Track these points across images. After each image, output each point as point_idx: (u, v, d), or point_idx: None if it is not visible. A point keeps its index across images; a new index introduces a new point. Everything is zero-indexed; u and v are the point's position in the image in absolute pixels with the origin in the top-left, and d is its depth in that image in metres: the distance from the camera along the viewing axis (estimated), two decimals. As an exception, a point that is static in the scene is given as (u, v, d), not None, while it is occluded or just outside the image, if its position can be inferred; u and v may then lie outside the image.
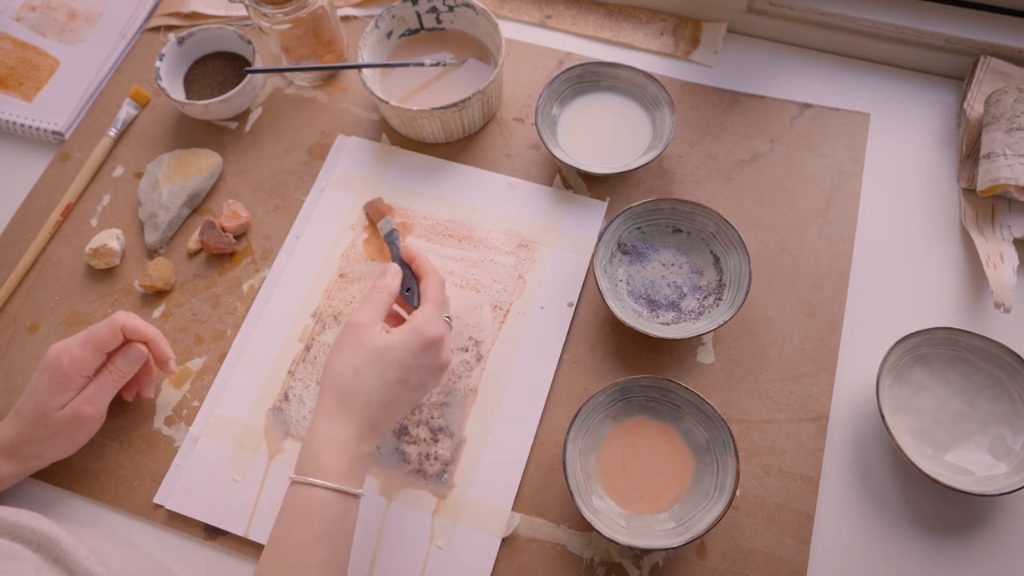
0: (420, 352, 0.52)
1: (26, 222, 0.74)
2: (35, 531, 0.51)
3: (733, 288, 0.64)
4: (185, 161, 0.75)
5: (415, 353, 0.52)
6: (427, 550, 0.58)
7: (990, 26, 0.73)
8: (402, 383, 0.52)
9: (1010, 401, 0.60)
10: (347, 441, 0.50)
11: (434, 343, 0.53)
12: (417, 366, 0.52)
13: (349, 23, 0.84)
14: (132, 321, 0.60)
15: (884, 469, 0.61)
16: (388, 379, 0.51)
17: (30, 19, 0.84)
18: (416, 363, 0.52)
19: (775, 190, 0.72)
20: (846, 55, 0.79)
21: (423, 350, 0.53)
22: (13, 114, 0.79)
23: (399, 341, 0.52)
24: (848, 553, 0.58)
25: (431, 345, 0.53)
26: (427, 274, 0.58)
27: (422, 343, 0.52)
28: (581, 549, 0.59)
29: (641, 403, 0.61)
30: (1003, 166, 0.65)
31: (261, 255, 0.72)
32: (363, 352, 0.51)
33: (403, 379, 0.52)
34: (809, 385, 0.63)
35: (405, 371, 0.52)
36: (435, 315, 0.55)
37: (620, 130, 0.73)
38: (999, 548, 0.58)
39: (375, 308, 0.54)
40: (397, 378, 0.51)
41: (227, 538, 0.60)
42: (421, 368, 0.53)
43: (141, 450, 0.64)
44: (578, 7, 0.83)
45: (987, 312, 0.66)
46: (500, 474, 0.61)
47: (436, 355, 0.54)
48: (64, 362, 0.57)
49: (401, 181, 0.74)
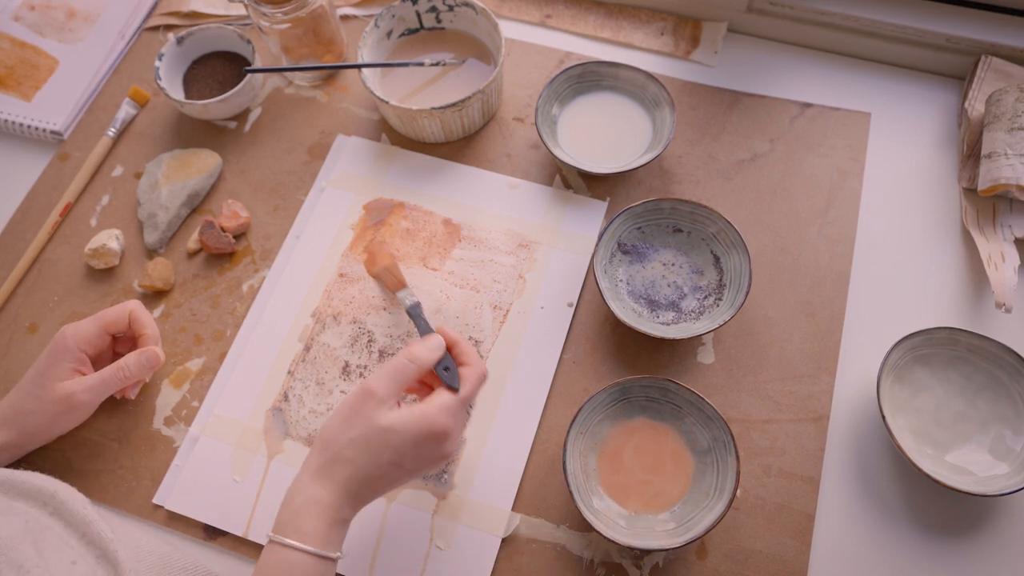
0: (421, 441, 0.50)
1: (25, 222, 0.74)
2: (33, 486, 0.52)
3: (733, 288, 0.64)
4: (184, 161, 0.75)
5: (416, 441, 0.49)
6: (427, 550, 0.58)
7: (991, 25, 0.73)
8: (395, 466, 0.50)
9: (1011, 401, 0.60)
10: (327, 506, 0.48)
11: (439, 436, 0.50)
12: (414, 453, 0.50)
13: (349, 23, 0.84)
14: (141, 312, 0.64)
15: (884, 469, 0.61)
16: (380, 460, 0.49)
17: (29, 18, 0.84)
18: (414, 451, 0.50)
19: (775, 190, 0.72)
20: (846, 55, 0.79)
21: (425, 440, 0.50)
22: (12, 114, 0.79)
23: (403, 425, 0.49)
24: (848, 553, 0.58)
25: (435, 437, 0.50)
26: (472, 364, 0.54)
27: (427, 433, 0.49)
28: (581, 549, 0.59)
29: (641, 403, 0.61)
30: (1004, 166, 0.65)
31: (261, 255, 0.72)
32: (363, 426, 0.49)
33: (397, 463, 0.49)
34: (809, 385, 0.63)
35: (400, 456, 0.49)
36: (455, 407, 0.51)
37: (620, 130, 0.73)
38: (999, 548, 0.58)
39: (395, 382, 0.51)
40: (390, 460, 0.49)
41: (227, 538, 0.60)
42: (418, 456, 0.50)
43: (141, 450, 0.64)
44: (578, 7, 0.83)
45: (988, 312, 0.66)
46: (500, 474, 0.61)
47: (437, 447, 0.51)
48: (67, 334, 0.60)
49: (401, 181, 0.74)
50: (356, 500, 0.50)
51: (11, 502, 0.51)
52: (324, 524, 0.48)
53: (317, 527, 0.48)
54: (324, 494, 0.49)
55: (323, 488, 0.49)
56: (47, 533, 0.50)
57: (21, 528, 0.49)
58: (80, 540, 0.51)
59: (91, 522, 0.52)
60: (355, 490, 0.49)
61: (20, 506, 0.51)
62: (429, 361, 0.52)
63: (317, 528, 0.48)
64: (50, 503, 0.52)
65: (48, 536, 0.50)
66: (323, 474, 0.49)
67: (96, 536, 0.51)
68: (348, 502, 0.49)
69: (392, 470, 0.50)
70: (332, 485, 0.49)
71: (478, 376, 0.54)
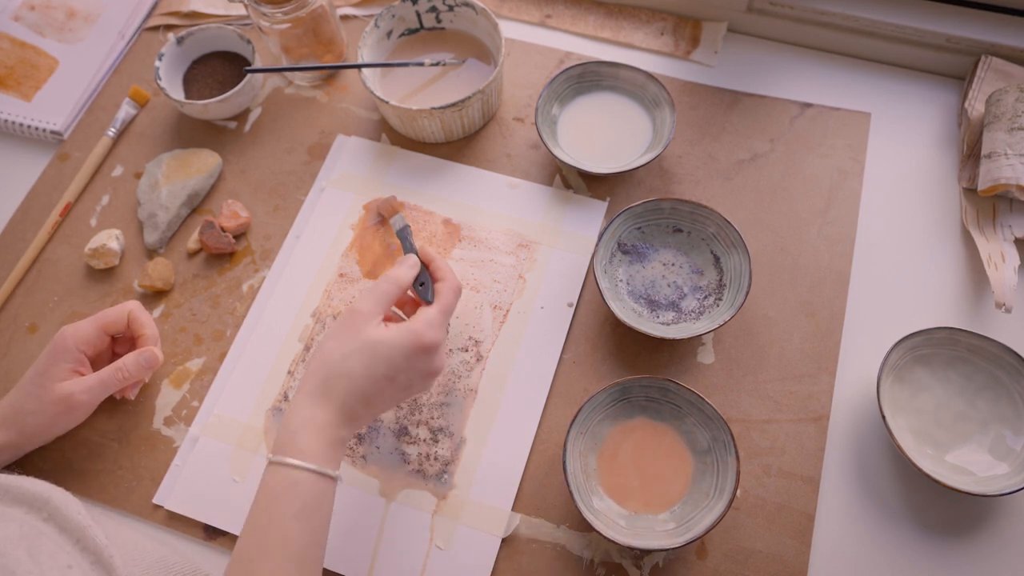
0: (412, 354, 0.52)
1: (25, 222, 0.74)
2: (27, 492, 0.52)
3: (733, 288, 0.64)
4: (184, 161, 0.75)
5: (407, 354, 0.51)
6: (427, 550, 0.58)
7: (991, 25, 0.73)
8: (388, 380, 0.51)
9: (1011, 401, 0.60)
10: (324, 424, 0.50)
11: (428, 348, 0.52)
12: (407, 367, 0.52)
13: (349, 23, 0.84)
14: (140, 313, 0.64)
15: (884, 469, 0.61)
16: (374, 373, 0.51)
17: (29, 18, 0.84)
18: (406, 364, 0.52)
19: (775, 190, 0.72)
20: (846, 54, 0.79)
21: (416, 353, 0.52)
22: (12, 114, 0.79)
23: (393, 338, 0.51)
24: (848, 553, 0.58)
25: (425, 350, 0.52)
26: (445, 279, 0.57)
27: (416, 346, 0.52)
28: (581, 549, 0.59)
29: (641, 403, 0.61)
30: (1004, 166, 0.65)
31: (261, 255, 0.72)
32: (355, 341, 0.51)
33: (390, 376, 0.51)
34: (809, 385, 0.63)
35: (394, 369, 0.51)
36: (438, 320, 0.54)
37: (620, 130, 0.73)
38: (999, 548, 0.58)
39: (378, 299, 0.54)
40: (384, 374, 0.51)
41: (227, 538, 0.60)
42: (411, 369, 0.52)
43: (141, 450, 0.63)
44: (578, 6, 0.83)
45: (988, 312, 0.66)
46: (500, 474, 0.61)
47: (429, 360, 0.53)
48: (67, 334, 0.60)
49: (401, 181, 0.74)
50: (353, 418, 0.51)
51: (5, 508, 0.51)
52: (323, 442, 0.49)
53: (316, 445, 0.49)
54: (321, 413, 0.50)
55: (320, 407, 0.50)
56: (41, 539, 0.49)
57: (15, 534, 0.48)
58: (75, 546, 0.51)
59: (85, 528, 0.51)
60: (351, 406, 0.50)
61: (14, 512, 0.51)
62: (406, 278, 0.56)
63: (316, 447, 0.49)
64: (44, 509, 0.52)
65: (42, 542, 0.49)
66: (320, 392, 0.50)
67: (91, 542, 0.51)
68: (345, 420, 0.50)
69: (386, 385, 0.51)
70: (329, 403, 0.50)
71: (452, 289, 0.56)
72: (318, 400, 0.50)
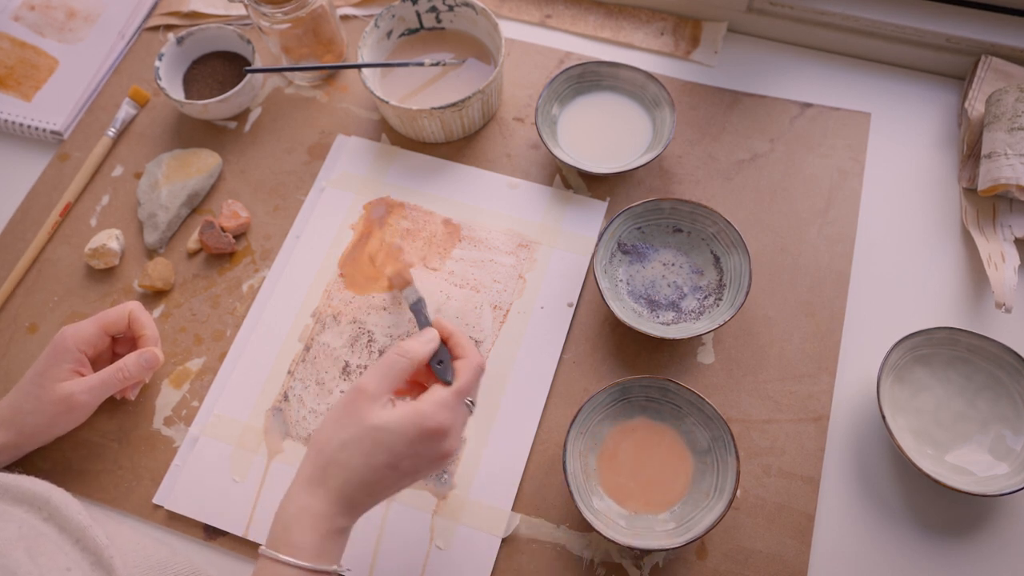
0: (416, 440, 0.47)
1: (25, 222, 0.74)
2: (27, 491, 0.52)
3: (733, 288, 0.64)
4: (184, 161, 0.75)
5: (410, 440, 0.47)
6: (427, 550, 0.58)
7: (991, 25, 0.73)
8: (390, 467, 0.47)
9: (1011, 401, 0.60)
10: (320, 516, 0.46)
11: (435, 433, 0.48)
12: (411, 453, 0.47)
13: (349, 23, 0.84)
14: (141, 313, 0.64)
15: (884, 469, 0.61)
16: (374, 462, 0.47)
17: (29, 18, 0.84)
18: (410, 451, 0.47)
19: (775, 190, 0.72)
20: (846, 55, 0.79)
21: (421, 439, 0.47)
22: (12, 114, 0.79)
23: (396, 424, 0.47)
24: (848, 553, 0.58)
25: (431, 435, 0.47)
26: (466, 356, 0.52)
27: (421, 432, 0.47)
28: (581, 549, 0.59)
29: (641, 403, 0.61)
30: (1004, 166, 0.65)
31: (261, 255, 0.72)
32: (354, 427, 0.47)
33: (392, 464, 0.47)
34: (809, 385, 0.63)
35: (396, 456, 0.47)
36: (450, 401, 0.49)
37: (620, 130, 0.73)
38: (999, 548, 0.58)
39: (387, 377, 0.49)
40: (385, 462, 0.47)
41: (227, 538, 0.60)
42: (415, 456, 0.47)
43: (140, 450, 0.63)
44: (578, 6, 0.83)
45: (988, 312, 0.66)
46: (500, 474, 0.61)
47: (436, 446, 0.48)
48: (67, 335, 0.60)
49: (401, 181, 0.74)
50: (352, 507, 0.47)
51: (5, 507, 0.51)
52: (318, 536, 0.46)
53: (310, 539, 0.45)
54: (316, 503, 0.46)
55: (315, 497, 0.47)
56: (41, 539, 0.49)
57: (14, 534, 0.48)
58: (74, 546, 0.51)
59: (85, 528, 0.51)
60: (350, 496, 0.47)
61: (14, 511, 0.51)
62: (421, 354, 0.51)
63: (310, 540, 0.45)
64: (44, 508, 0.52)
65: (42, 542, 0.49)
66: (316, 481, 0.47)
67: (91, 542, 0.51)
68: (343, 510, 0.47)
69: (388, 472, 0.47)
70: (325, 493, 0.47)
71: (474, 368, 0.51)
72: (315, 489, 0.47)
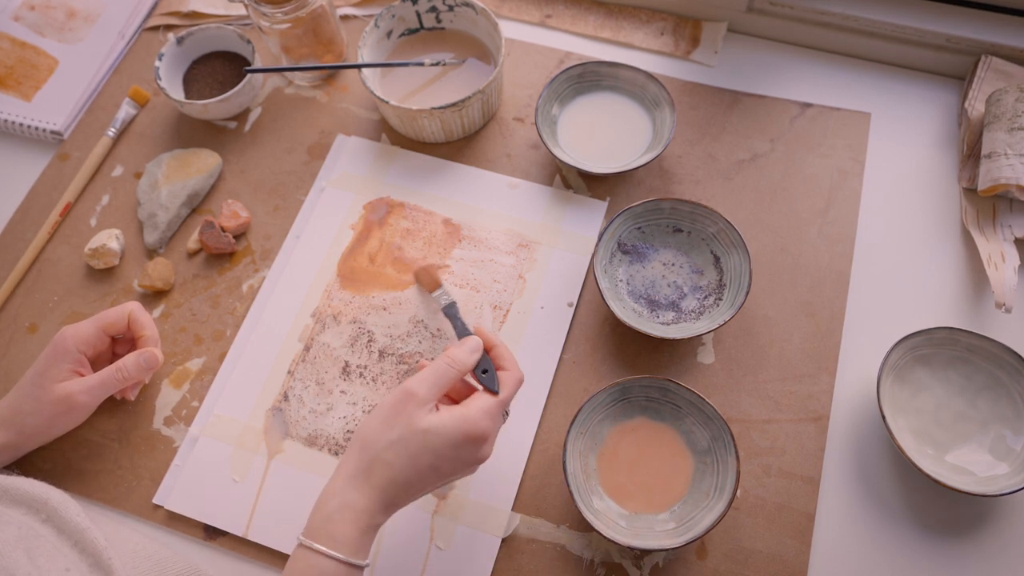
0: (461, 444, 0.49)
1: (25, 222, 0.74)
2: (25, 493, 0.52)
3: (733, 288, 0.64)
4: (184, 161, 0.75)
5: (455, 444, 0.49)
6: (427, 550, 0.58)
7: (991, 25, 0.73)
8: (432, 469, 0.49)
9: (1011, 401, 0.60)
10: (361, 511, 0.48)
11: (478, 439, 0.50)
12: (453, 456, 0.49)
13: (349, 23, 0.84)
14: (141, 314, 0.64)
15: (884, 469, 0.61)
16: (419, 463, 0.49)
17: (29, 18, 0.84)
18: (453, 453, 0.49)
19: (775, 190, 0.72)
20: (846, 55, 0.79)
21: (465, 443, 0.49)
22: (12, 114, 0.79)
23: (444, 428, 0.49)
24: (848, 553, 0.58)
25: (474, 440, 0.50)
26: (509, 369, 0.54)
27: (467, 436, 0.49)
28: (581, 549, 0.59)
29: (641, 403, 0.61)
30: (1004, 166, 0.65)
31: (261, 255, 0.72)
32: (404, 428, 0.49)
33: (434, 466, 0.49)
34: (809, 385, 0.63)
35: (439, 459, 0.49)
36: (494, 411, 0.51)
37: (620, 130, 0.73)
38: (1000, 549, 0.58)
39: (436, 384, 0.51)
40: (428, 464, 0.49)
41: (227, 538, 0.60)
42: (456, 459, 0.50)
43: (140, 450, 0.63)
44: (578, 7, 0.83)
45: (988, 312, 0.66)
46: (500, 474, 0.61)
47: (476, 450, 0.50)
48: (67, 335, 0.60)
49: (401, 181, 0.74)
50: (391, 505, 0.49)
51: (4, 509, 0.51)
52: (357, 531, 0.47)
53: (350, 534, 0.47)
54: (360, 499, 0.48)
55: (359, 493, 0.48)
56: (40, 541, 0.49)
57: (14, 535, 0.49)
58: (73, 548, 0.51)
59: (84, 530, 0.51)
60: (391, 495, 0.49)
61: (13, 513, 0.51)
62: (469, 364, 0.53)
63: (349, 535, 0.47)
64: (43, 510, 0.52)
65: (41, 544, 0.49)
66: (360, 478, 0.48)
67: (89, 544, 0.51)
68: (383, 508, 0.49)
69: (429, 473, 0.49)
70: (369, 490, 0.48)
71: (516, 380, 0.54)
72: (358, 485, 0.48)
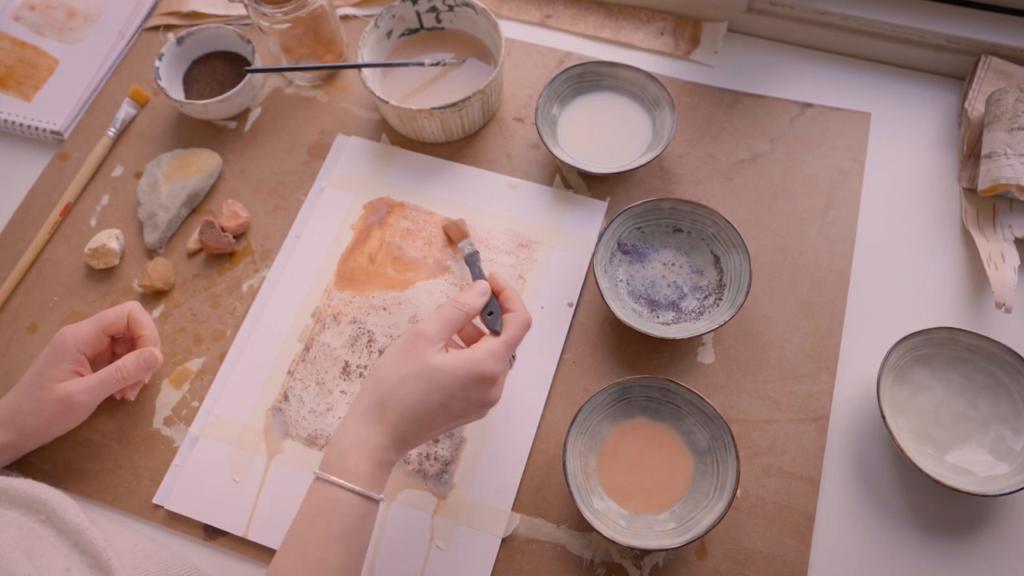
0: (469, 384, 0.50)
1: (25, 222, 0.74)
2: (25, 494, 0.52)
3: (733, 288, 0.64)
4: (184, 161, 0.75)
5: (464, 383, 0.50)
6: (427, 550, 0.58)
7: (991, 26, 0.73)
8: (442, 407, 0.50)
9: (1011, 401, 0.60)
10: (375, 447, 0.49)
11: (487, 379, 0.51)
12: (462, 396, 0.51)
13: (349, 23, 0.84)
14: (140, 314, 0.64)
15: (885, 469, 0.61)
16: (429, 400, 0.50)
17: (29, 18, 0.84)
18: (462, 393, 0.50)
19: (775, 190, 0.72)
20: (846, 55, 0.79)
21: (473, 383, 0.51)
22: (12, 114, 0.79)
23: (452, 366, 0.50)
24: (848, 553, 0.58)
25: (483, 380, 0.51)
26: (515, 310, 0.55)
27: (475, 376, 0.50)
28: (581, 549, 0.59)
29: (641, 403, 0.61)
30: (1004, 166, 0.65)
31: (261, 255, 0.72)
32: (415, 365, 0.50)
33: (444, 404, 0.50)
34: (809, 385, 0.63)
35: (448, 397, 0.50)
36: (501, 352, 0.52)
37: (620, 130, 0.73)
38: (1000, 549, 0.58)
39: (445, 323, 0.52)
40: (438, 401, 0.50)
41: (227, 538, 0.60)
42: (465, 400, 0.51)
43: (140, 450, 0.63)
44: (578, 7, 0.83)
45: (988, 312, 0.66)
46: (500, 474, 0.61)
47: (485, 391, 0.51)
48: (67, 335, 0.60)
49: (401, 181, 0.74)
50: (402, 442, 0.50)
51: (3, 510, 0.51)
52: (370, 465, 0.49)
53: (364, 467, 0.48)
54: (373, 434, 0.49)
55: (372, 428, 0.50)
56: (40, 542, 0.49)
57: (13, 536, 0.49)
58: (73, 549, 0.51)
59: (84, 530, 0.51)
60: (403, 431, 0.50)
61: (12, 515, 0.51)
62: (475, 306, 0.54)
63: (364, 468, 0.48)
64: (42, 511, 0.52)
65: (41, 545, 0.49)
66: (373, 414, 0.50)
67: (89, 545, 0.51)
68: (395, 444, 0.50)
69: (439, 412, 0.50)
70: (381, 425, 0.50)
71: (521, 322, 0.54)
72: (371, 421, 0.50)
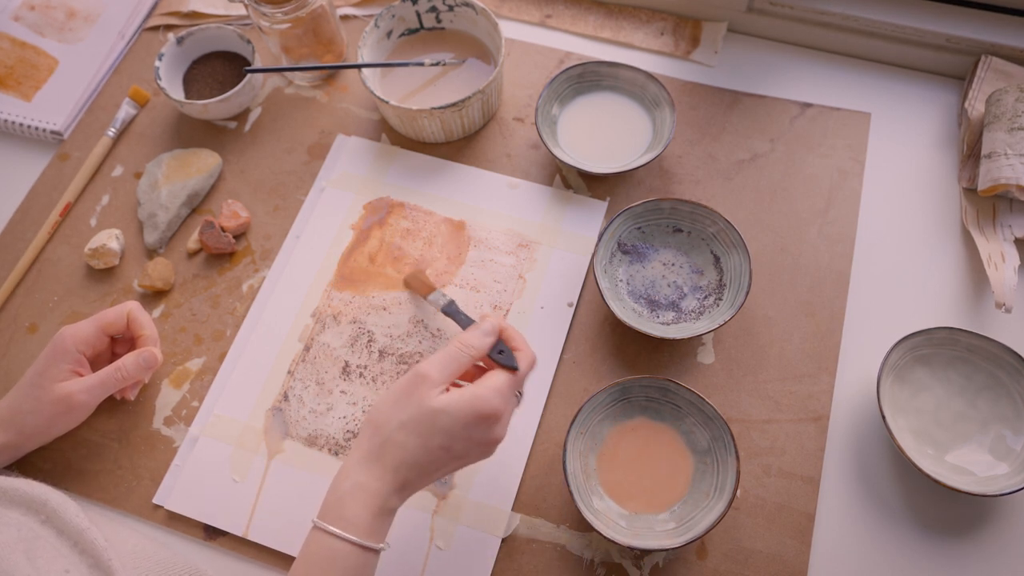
0: (472, 423, 0.49)
1: (25, 222, 0.74)
2: (25, 494, 0.52)
3: (733, 288, 0.64)
4: (184, 161, 0.75)
5: (466, 423, 0.49)
6: (427, 550, 0.58)
7: (991, 25, 0.73)
8: (444, 450, 0.49)
9: (1011, 401, 0.60)
10: (375, 494, 0.48)
11: (490, 417, 0.49)
12: (464, 436, 0.49)
13: (349, 23, 0.84)
14: (139, 313, 0.64)
15: (884, 469, 0.61)
16: (431, 444, 0.48)
17: (29, 18, 0.84)
18: (464, 432, 0.49)
19: (775, 190, 0.72)
20: (846, 55, 0.79)
21: (476, 422, 0.49)
22: (12, 114, 0.79)
23: (454, 407, 0.48)
24: (848, 553, 0.58)
25: (486, 418, 0.49)
26: (521, 348, 0.54)
27: (477, 415, 0.49)
28: (581, 549, 0.59)
29: (641, 403, 0.61)
30: (1004, 166, 0.65)
31: (261, 255, 0.72)
32: (415, 409, 0.49)
33: (446, 447, 0.49)
34: (809, 385, 0.63)
35: (451, 438, 0.49)
36: (506, 388, 0.51)
37: (620, 130, 0.73)
38: (999, 549, 0.58)
39: (449, 366, 0.50)
40: (440, 444, 0.48)
41: (227, 538, 0.60)
42: (468, 439, 0.49)
43: (140, 450, 0.63)
44: (578, 6, 0.83)
45: (988, 312, 0.66)
46: (500, 474, 0.61)
47: (488, 429, 0.50)
48: (66, 335, 0.60)
49: (401, 181, 0.74)
50: (404, 488, 0.49)
51: (3, 511, 0.51)
52: (370, 513, 0.47)
53: (363, 516, 0.47)
54: (372, 481, 0.48)
55: (371, 475, 0.48)
56: (40, 542, 0.49)
57: (13, 537, 0.49)
58: (73, 549, 0.51)
59: (84, 531, 0.51)
60: (404, 476, 0.48)
61: (12, 515, 0.51)
62: (482, 348, 0.52)
63: (363, 517, 0.47)
64: (42, 511, 0.52)
65: (41, 545, 0.49)
66: (372, 459, 0.49)
67: (89, 545, 0.51)
68: (396, 490, 0.49)
69: (441, 455, 0.49)
70: (381, 471, 0.48)
71: (529, 361, 0.53)
72: (371, 467, 0.48)
